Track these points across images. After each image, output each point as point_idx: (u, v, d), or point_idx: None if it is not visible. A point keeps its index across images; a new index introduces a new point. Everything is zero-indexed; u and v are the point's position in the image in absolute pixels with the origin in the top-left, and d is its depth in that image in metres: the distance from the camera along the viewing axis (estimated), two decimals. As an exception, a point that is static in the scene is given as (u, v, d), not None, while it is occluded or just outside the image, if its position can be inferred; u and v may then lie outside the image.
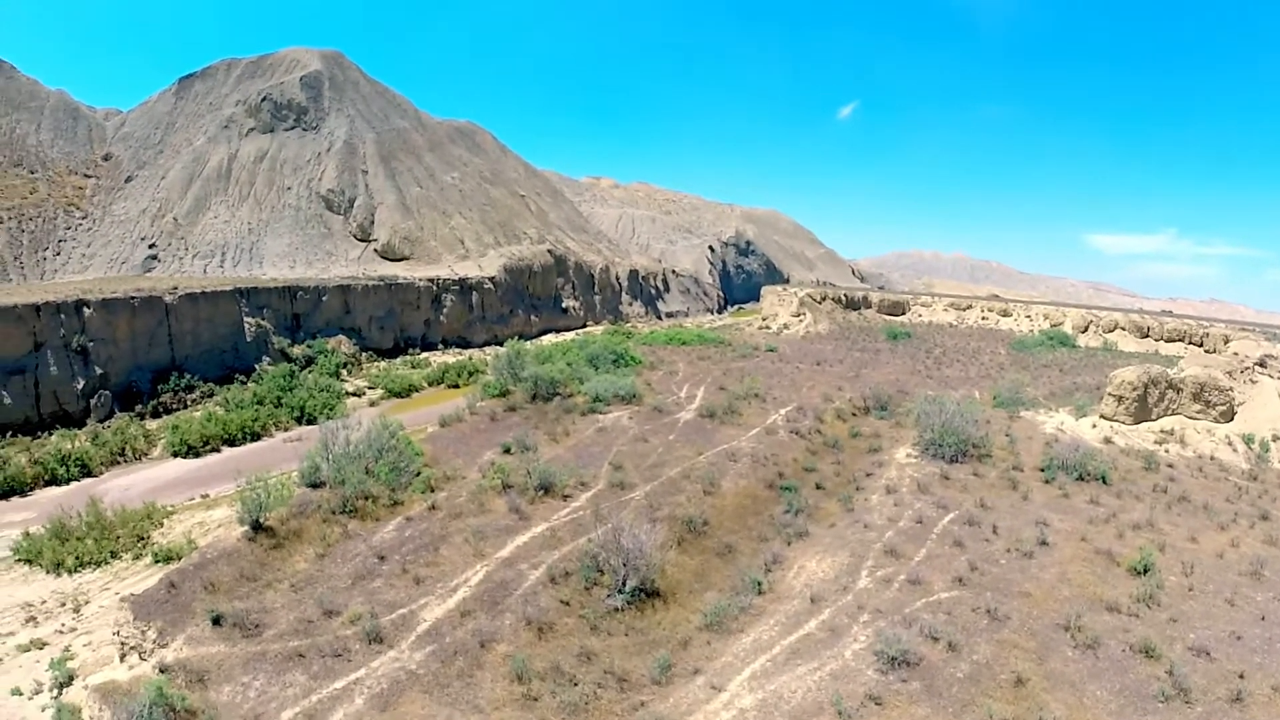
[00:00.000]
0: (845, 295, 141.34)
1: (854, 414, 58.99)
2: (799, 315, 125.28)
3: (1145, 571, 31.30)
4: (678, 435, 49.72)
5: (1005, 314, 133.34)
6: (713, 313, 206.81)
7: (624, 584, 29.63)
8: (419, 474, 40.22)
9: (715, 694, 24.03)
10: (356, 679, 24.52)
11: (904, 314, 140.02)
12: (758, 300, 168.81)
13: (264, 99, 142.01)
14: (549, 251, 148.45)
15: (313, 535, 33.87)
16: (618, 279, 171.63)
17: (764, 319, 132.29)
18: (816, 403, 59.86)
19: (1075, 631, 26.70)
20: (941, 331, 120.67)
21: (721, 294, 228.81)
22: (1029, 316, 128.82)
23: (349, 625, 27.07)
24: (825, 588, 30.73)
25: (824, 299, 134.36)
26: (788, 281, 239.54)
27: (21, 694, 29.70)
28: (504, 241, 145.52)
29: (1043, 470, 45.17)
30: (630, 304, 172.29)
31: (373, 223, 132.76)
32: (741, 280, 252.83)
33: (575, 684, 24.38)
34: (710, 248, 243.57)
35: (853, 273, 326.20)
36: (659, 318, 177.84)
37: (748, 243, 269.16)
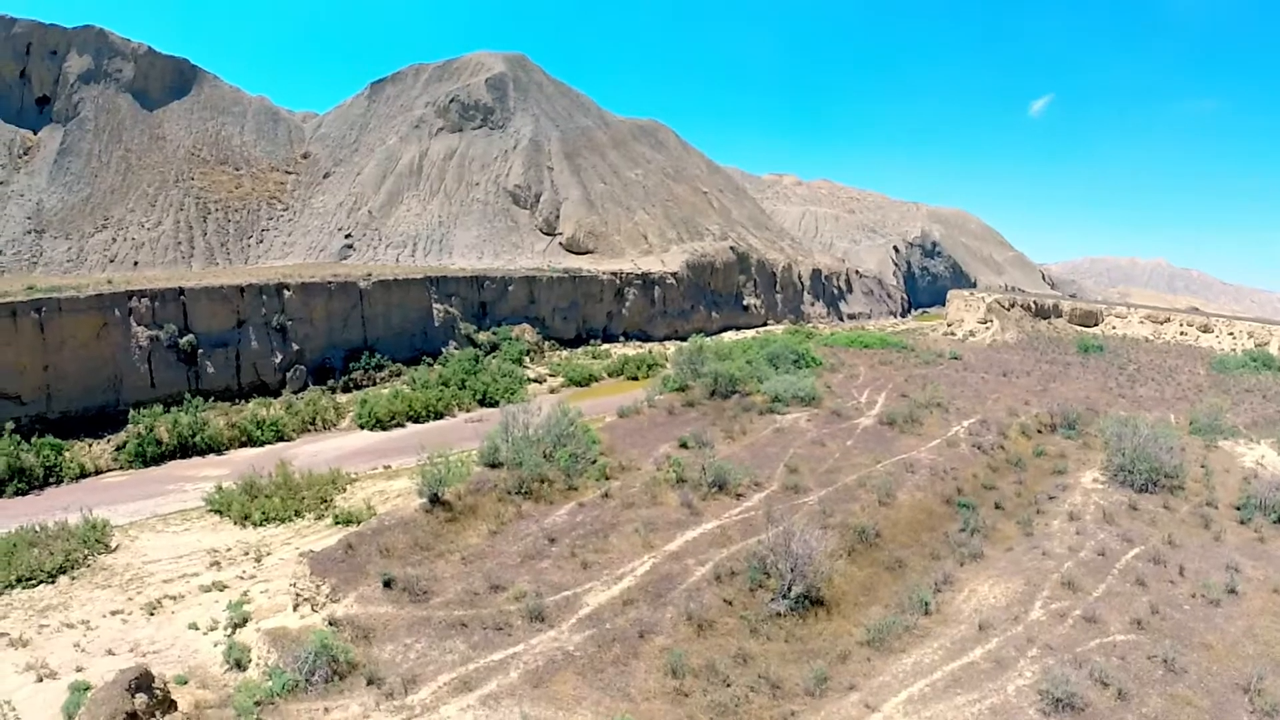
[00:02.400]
0: (1035, 302, 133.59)
1: (1039, 431, 55.48)
2: (986, 322, 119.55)
3: (1341, 635, 27.74)
4: (855, 441, 48.46)
5: (1206, 330, 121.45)
6: (896, 316, 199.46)
7: (789, 589, 28.97)
8: (595, 462, 40.97)
9: (868, 713, 23.14)
10: (514, 653, 25.14)
11: (1096, 325, 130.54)
12: (943, 304, 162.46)
13: (452, 100, 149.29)
14: (731, 248, 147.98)
15: (487, 512, 35.15)
16: (800, 278, 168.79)
17: (949, 324, 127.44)
18: (1001, 416, 56.68)
19: (1255, 695, 24.17)
20: (1136, 346, 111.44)
21: (905, 296, 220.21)
22: (1232, 334, 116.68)
23: (513, 601, 27.82)
24: (995, 615, 29.08)
25: (1012, 305, 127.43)
26: (975, 285, 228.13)
27: (198, 629, 32.13)
28: (686, 237, 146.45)
29: (1238, 509, 41.19)
30: (812, 304, 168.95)
31: (558, 217, 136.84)
32: (926, 283, 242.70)
33: (728, 685, 24.03)
34: (895, 248, 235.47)
35: (1043, 278, 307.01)
36: (840, 319, 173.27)
37: (934, 244, 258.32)
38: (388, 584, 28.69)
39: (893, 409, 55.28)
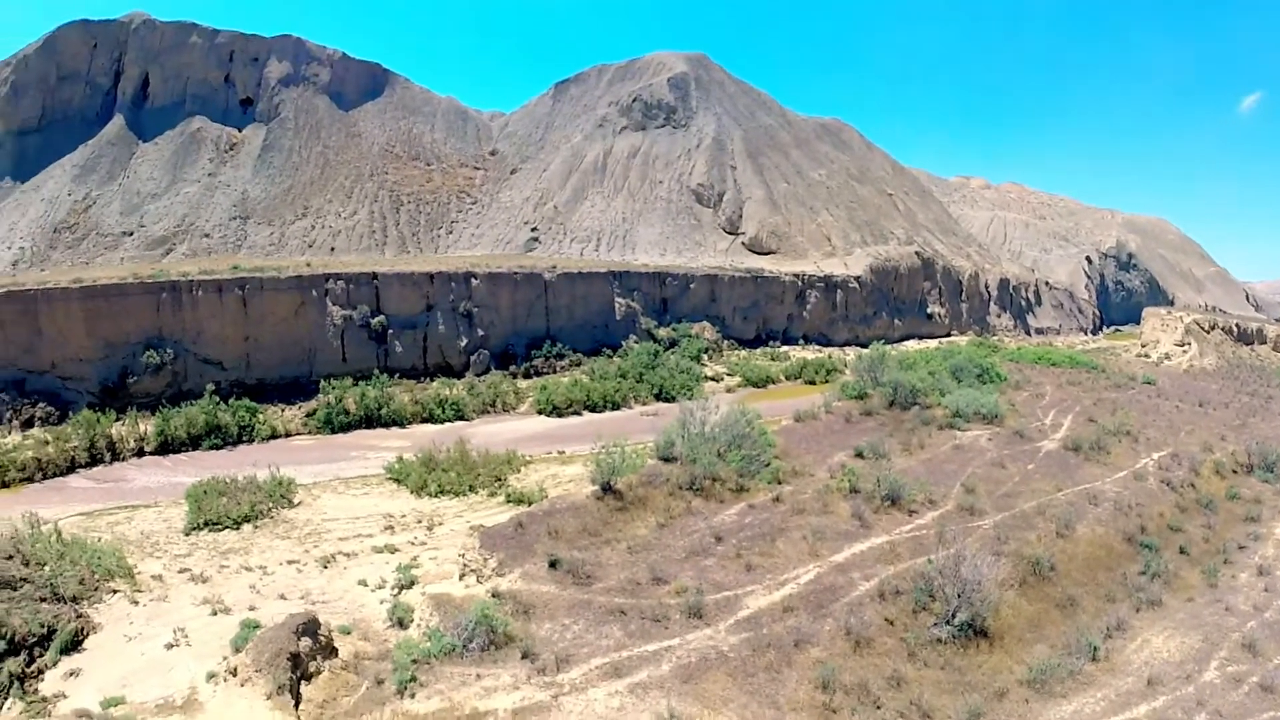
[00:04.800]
0: (1237, 325, 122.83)
1: (1235, 471, 51.27)
2: (1183, 345, 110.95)
3: None
4: (1037, 465, 46.46)
5: None
6: (1086, 332, 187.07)
7: (953, 615, 28.18)
8: (768, 464, 40.90)
9: (1021, 756, 22.49)
10: (668, 646, 25.45)
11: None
12: (1136, 322, 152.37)
13: (634, 100, 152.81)
14: (916, 253, 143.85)
15: (657, 505, 35.89)
16: (986, 287, 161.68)
17: (1143, 345, 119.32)
18: (1194, 451, 52.84)
19: None
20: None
21: (1097, 312, 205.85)
22: None
23: (674, 595, 28.31)
24: (1166, 671, 27.47)
25: (1213, 328, 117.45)
26: (1172, 303, 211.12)
27: (366, 585, 34.12)
28: (870, 240, 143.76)
29: None
30: (998, 315, 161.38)
31: (740, 216, 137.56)
32: (1120, 298, 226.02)
33: (878, 707, 23.88)
34: (1087, 259, 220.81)
35: (1246, 298, 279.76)
36: (1027, 333, 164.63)
37: (1129, 255, 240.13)
38: (553, 564, 29.70)
39: (1079, 434, 52.64)
